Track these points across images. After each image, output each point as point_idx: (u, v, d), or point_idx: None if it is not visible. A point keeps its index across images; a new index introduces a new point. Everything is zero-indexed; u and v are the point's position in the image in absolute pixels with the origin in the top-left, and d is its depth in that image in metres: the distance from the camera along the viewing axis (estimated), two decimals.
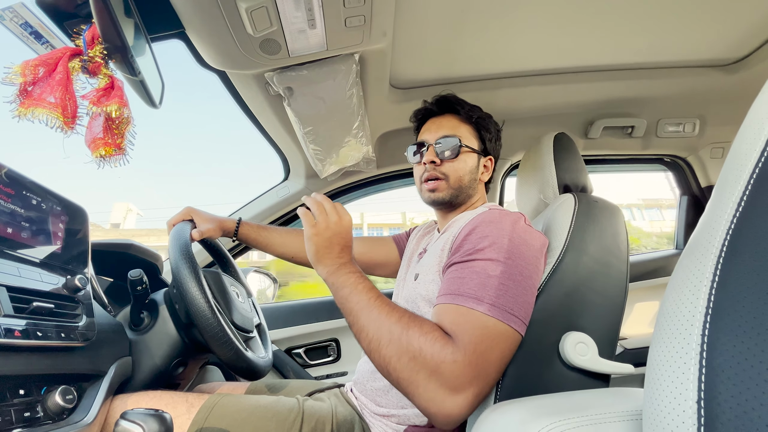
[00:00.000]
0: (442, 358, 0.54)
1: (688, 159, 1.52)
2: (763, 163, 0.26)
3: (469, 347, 0.55)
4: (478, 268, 0.62)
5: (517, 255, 0.63)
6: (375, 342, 0.59)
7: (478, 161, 0.89)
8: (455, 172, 0.86)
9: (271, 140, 1.24)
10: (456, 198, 0.87)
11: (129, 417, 0.45)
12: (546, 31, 0.98)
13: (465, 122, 0.89)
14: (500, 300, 0.59)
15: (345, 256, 0.69)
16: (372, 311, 0.61)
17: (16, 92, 0.56)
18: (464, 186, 0.87)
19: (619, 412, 0.38)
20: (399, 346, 0.56)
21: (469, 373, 0.54)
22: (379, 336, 0.58)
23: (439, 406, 0.53)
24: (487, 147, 0.91)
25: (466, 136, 0.88)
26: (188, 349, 0.83)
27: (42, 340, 0.53)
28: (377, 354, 0.58)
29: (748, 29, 1.02)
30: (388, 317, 0.59)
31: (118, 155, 0.66)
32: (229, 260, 1.10)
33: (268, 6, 0.71)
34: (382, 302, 0.62)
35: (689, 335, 0.26)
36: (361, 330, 0.61)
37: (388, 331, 0.58)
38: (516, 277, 0.61)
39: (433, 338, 0.55)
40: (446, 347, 0.55)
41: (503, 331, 0.58)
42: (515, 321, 0.59)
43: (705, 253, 0.27)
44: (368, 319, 0.60)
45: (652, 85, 1.21)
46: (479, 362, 0.55)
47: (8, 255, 0.57)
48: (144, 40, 0.70)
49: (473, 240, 0.66)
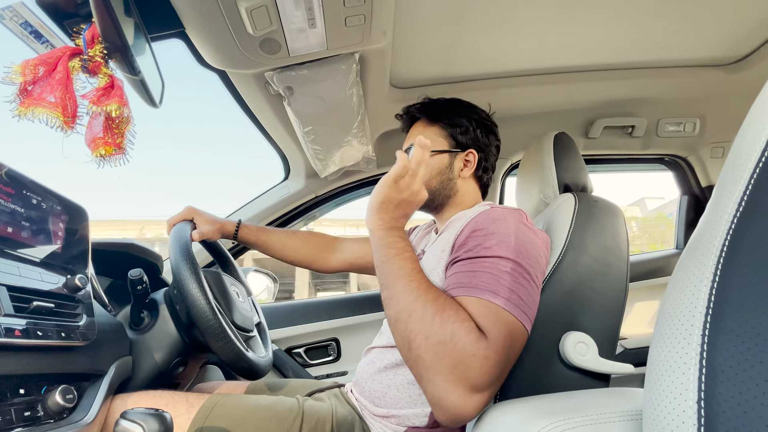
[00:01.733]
0: (474, 351, 0.51)
1: (688, 159, 1.52)
2: (763, 163, 0.26)
3: (499, 343, 0.52)
4: (488, 263, 0.61)
5: (524, 253, 0.62)
6: (405, 313, 0.56)
7: (450, 160, 0.86)
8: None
9: (271, 140, 1.24)
10: (431, 201, 0.86)
11: (129, 416, 0.45)
12: (546, 30, 0.98)
13: (429, 125, 0.89)
14: (514, 296, 0.57)
15: (402, 221, 0.69)
16: (411, 281, 0.59)
17: (16, 92, 0.57)
18: (435, 188, 0.85)
19: (619, 412, 0.38)
20: (431, 325, 0.53)
21: (495, 373, 0.52)
22: (411, 308, 0.56)
23: (453, 401, 0.51)
24: (462, 141, 0.87)
25: (431, 139, 0.84)
26: (188, 348, 0.83)
27: (42, 340, 0.53)
28: (404, 326, 0.56)
29: (749, 28, 1.02)
30: (425, 292, 0.57)
31: (118, 154, 0.66)
32: (229, 260, 1.10)
33: (268, 5, 0.71)
34: (423, 277, 0.60)
35: (689, 335, 0.26)
36: (393, 296, 0.59)
37: (422, 307, 0.55)
38: (524, 275, 0.60)
39: (468, 328, 0.52)
40: (481, 341, 0.52)
41: (519, 328, 0.56)
42: (526, 319, 0.58)
43: (705, 253, 0.27)
44: (405, 289, 0.58)
45: (652, 85, 1.21)
46: (504, 361, 0.53)
47: (8, 254, 0.57)
48: (144, 39, 0.70)
49: (479, 237, 0.65)
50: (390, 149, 1.37)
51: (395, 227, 0.67)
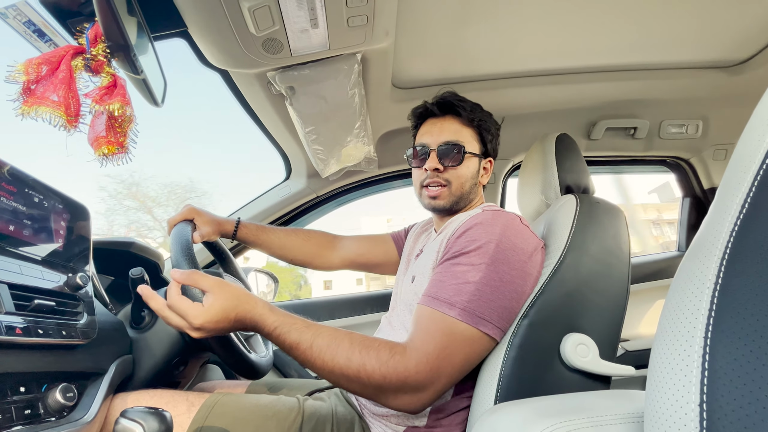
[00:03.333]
0: (407, 373, 0.58)
1: (690, 161, 1.52)
2: (767, 165, 0.26)
3: (434, 353, 0.59)
4: (459, 272, 0.65)
5: (500, 260, 0.65)
6: (335, 382, 0.62)
7: (479, 165, 0.87)
8: (458, 179, 0.83)
9: (273, 139, 1.24)
10: (457, 204, 0.85)
11: (129, 415, 0.45)
12: (549, 32, 0.98)
13: (467, 125, 0.86)
14: (471, 305, 0.62)
15: (244, 319, 0.60)
16: (323, 355, 0.59)
17: (19, 90, 0.57)
18: (465, 192, 0.85)
19: (620, 414, 0.38)
20: (360, 381, 0.58)
21: (432, 376, 0.59)
22: (336, 378, 0.60)
23: (405, 406, 0.60)
24: (488, 149, 0.88)
25: (468, 141, 0.84)
26: (189, 347, 0.84)
27: (43, 338, 0.53)
28: (344, 387, 0.62)
29: (752, 31, 1.01)
30: (335, 359, 0.58)
31: (120, 153, 0.66)
32: (230, 259, 1.11)
33: (271, 5, 0.71)
34: (324, 344, 0.59)
35: (692, 338, 0.26)
36: (320, 371, 0.60)
37: (343, 373, 0.59)
38: (494, 283, 0.63)
39: (395, 363, 0.58)
40: (410, 360, 0.58)
41: (471, 335, 0.61)
42: (485, 324, 0.62)
43: (708, 256, 0.27)
44: (322, 363, 0.59)
45: (655, 86, 1.21)
46: (442, 365, 0.59)
47: (10, 252, 0.57)
48: (147, 38, 0.70)
49: (462, 242, 0.68)
50: (392, 149, 1.37)
51: (260, 325, 0.61)
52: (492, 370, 0.64)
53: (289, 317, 0.62)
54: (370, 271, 1.13)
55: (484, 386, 0.64)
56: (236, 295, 0.60)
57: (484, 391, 0.64)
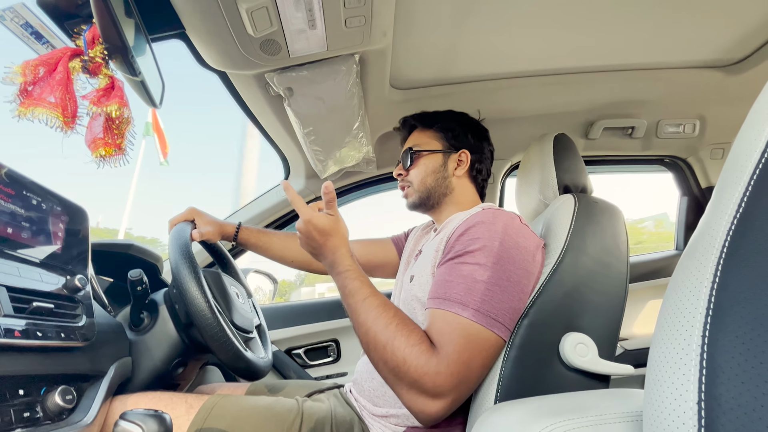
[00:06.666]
0: (426, 370, 0.57)
1: (688, 160, 1.52)
2: (763, 164, 0.26)
3: (453, 356, 0.57)
4: (466, 271, 0.64)
5: (506, 259, 0.64)
6: (364, 343, 0.64)
7: (443, 160, 0.92)
8: (416, 176, 0.92)
9: (272, 140, 1.24)
10: (428, 199, 0.91)
11: (128, 417, 0.45)
12: (546, 32, 0.98)
13: (425, 130, 0.95)
14: (485, 306, 0.61)
15: (333, 254, 0.70)
16: (368, 312, 0.63)
17: (16, 92, 0.56)
18: (430, 186, 0.90)
19: (620, 413, 0.38)
20: (384, 353, 0.59)
21: (451, 382, 0.57)
22: (366, 340, 0.62)
23: (420, 408, 0.58)
24: (453, 143, 0.93)
25: (425, 142, 0.93)
26: (188, 349, 0.83)
27: (42, 340, 0.53)
28: (368, 353, 0.63)
29: (749, 30, 1.02)
30: (376, 321, 0.62)
31: (117, 155, 0.66)
32: (229, 260, 1.10)
33: (269, 6, 0.71)
34: (374, 304, 0.64)
35: (690, 336, 0.26)
36: (356, 328, 0.65)
37: (374, 337, 0.61)
38: (503, 283, 0.63)
39: (418, 351, 0.58)
40: (431, 360, 0.57)
41: (487, 337, 0.60)
42: (498, 327, 0.61)
43: (705, 254, 0.27)
44: (359, 323, 0.64)
45: (652, 86, 1.21)
46: (462, 371, 0.58)
47: (8, 255, 0.57)
48: (144, 40, 0.70)
49: (464, 241, 0.67)
50: (390, 150, 1.37)
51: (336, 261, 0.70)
52: (492, 370, 0.64)
53: (360, 269, 0.69)
54: (370, 274, 1.14)
55: (484, 386, 0.64)
56: (344, 233, 0.71)
57: (484, 391, 0.64)
